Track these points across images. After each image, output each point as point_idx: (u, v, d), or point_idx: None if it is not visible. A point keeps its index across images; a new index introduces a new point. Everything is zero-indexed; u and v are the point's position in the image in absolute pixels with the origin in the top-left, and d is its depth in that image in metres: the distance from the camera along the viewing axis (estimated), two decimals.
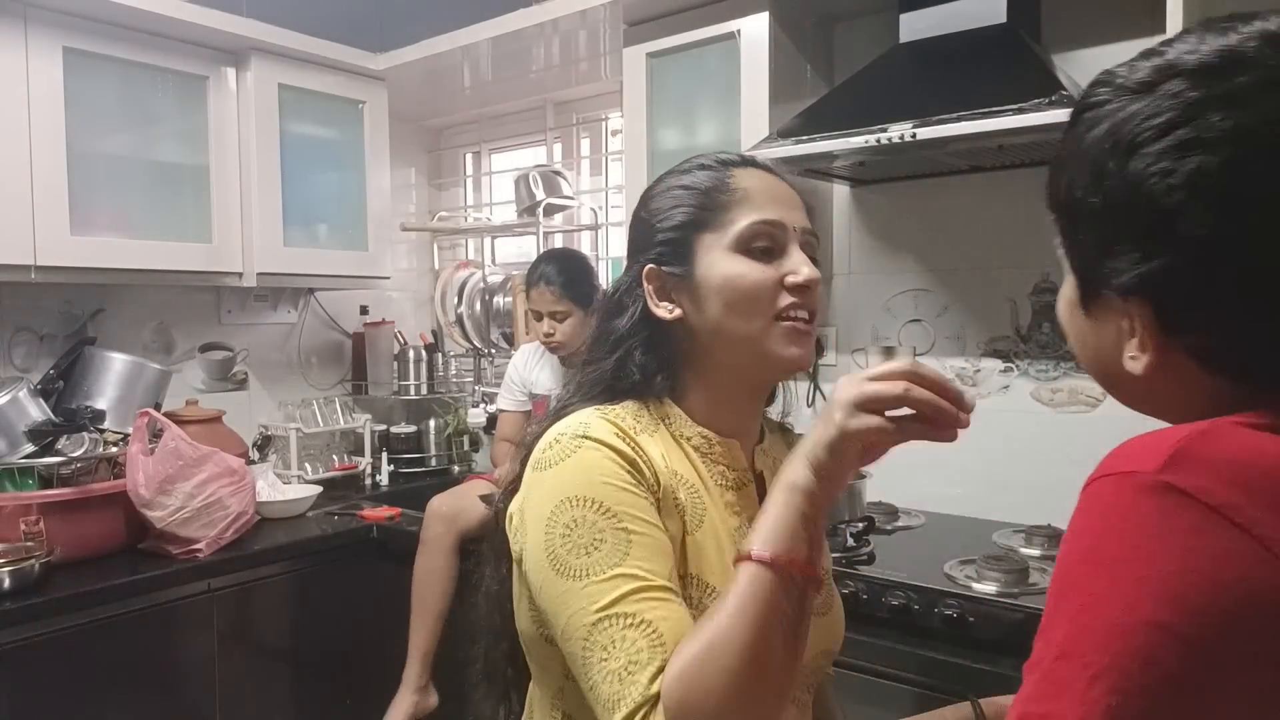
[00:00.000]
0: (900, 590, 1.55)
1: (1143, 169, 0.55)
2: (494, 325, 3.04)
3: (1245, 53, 0.54)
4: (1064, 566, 0.53)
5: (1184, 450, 0.51)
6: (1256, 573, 0.47)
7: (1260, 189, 0.53)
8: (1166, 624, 0.47)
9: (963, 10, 1.79)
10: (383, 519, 2.40)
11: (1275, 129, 0.53)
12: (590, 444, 0.81)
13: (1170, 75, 0.56)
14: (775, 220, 0.89)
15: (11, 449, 2.05)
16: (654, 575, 0.76)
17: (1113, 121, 0.57)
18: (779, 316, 0.87)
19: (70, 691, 1.84)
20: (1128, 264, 0.57)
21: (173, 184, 2.38)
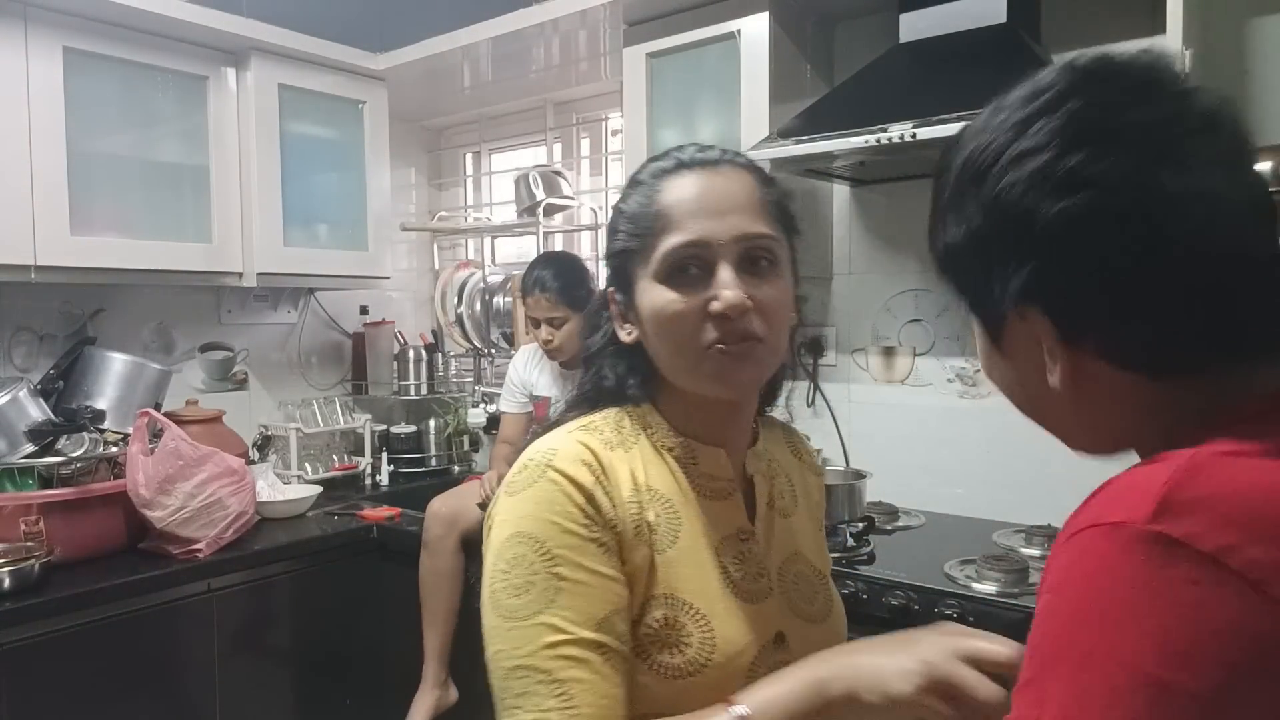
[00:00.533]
0: (900, 590, 1.55)
1: (994, 187, 0.60)
2: (494, 325, 3.05)
3: (1041, 82, 0.62)
4: (1053, 623, 0.52)
5: (1173, 494, 0.50)
6: (1251, 620, 0.47)
7: (1089, 174, 0.56)
8: (1169, 682, 0.46)
9: (963, 10, 1.80)
10: (383, 519, 2.40)
11: (1080, 121, 0.58)
12: (552, 474, 0.80)
13: (996, 112, 0.63)
14: (695, 240, 0.82)
15: (11, 449, 2.05)
16: (577, 626, 0.76)
17: (960, 164, 0.64)
18: (708, 347, 0.82)
19: (70, 691, 1.84)
20: (1010, 274, 0.59)
21: (173, 184, 2.38)
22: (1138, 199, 0.56)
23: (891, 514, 2.04)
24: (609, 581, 0.79)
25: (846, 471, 2.00)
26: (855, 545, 1.77)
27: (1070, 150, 0.57)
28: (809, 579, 0.94)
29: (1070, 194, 0.57)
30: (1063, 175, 0.57)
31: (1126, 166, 0.56)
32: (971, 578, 1.57)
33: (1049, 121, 0.59)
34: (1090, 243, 0.56)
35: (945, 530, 1.98)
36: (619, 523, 0.81)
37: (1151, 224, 0.55)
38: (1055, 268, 0.58)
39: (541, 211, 2.78)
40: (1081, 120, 0.58)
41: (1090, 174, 0.56)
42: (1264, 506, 0.49)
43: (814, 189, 2.20)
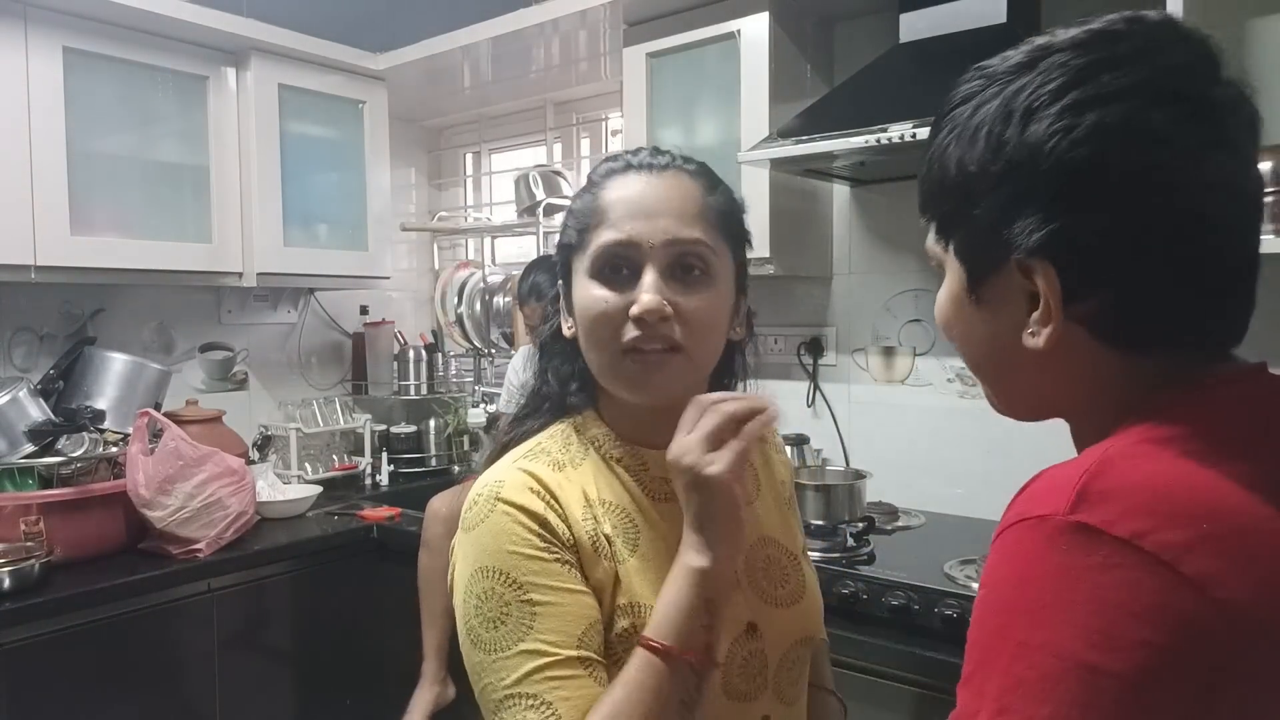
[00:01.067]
0: (900, 590, 1.55)
1: (1044, 130, 0.56)
2: (494, 325, 3.04)
3: (1115, 28, 0.58)
4: (987, 617, 0.54)
5: (1089, 485, 0.51)
6: (1168, 599, 0.48)
7: (1155, 139, 0.55)
8: (1096, 665, 0.48)
9: (963, 10, 1.80)
10: (383, 519, 2.40)
11: (1162, 83, 0.55)
12: (502, 507, 0.81)
13: (1049, 52, 0.58)
14: (626, 240, 0.82)
15: (11, 449, 2.05)
16: (559, 647, 0.77)
17: (1003, 96, 0.59)
18: (626, 349, 0.82)
19: (70, 691, 1.84)
20: (1034, 224, 0.57)
21: (173, 184, 2.38)
22: (1180, 172, 0.55)
23: (891, 514, 2.04)
24: (579, 596, 0.80)
25: (846, 471, 2.00)
26: (855, 545, 1.77)
27: (1141, 114, 0.55)
28: (779, 562, 0.94)
29: (1136, 151, 0.55)
30: (1129, 131, 0.55)
31: (1200, 137, 0.55)
32: (971, 578, 1.57)
33: (1115, 77, 0.55)
34: (1135, 210, 0.55)
35: (945, 530, 1.98)
36: (575, 541, 0.81)
37: (1191, 207, 0.56)
38: (1093, 230, 0.56)
39: (541, 211, 2.78)
40: (1149, 85, 0.56)
41: (1158, 134, 0.55)
42: (1175, 492, 0.51)
43: (814, 189, 2.20)
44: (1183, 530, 0.49)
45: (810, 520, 1.81)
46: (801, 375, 2.33)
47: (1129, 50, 0.57)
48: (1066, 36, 0.59)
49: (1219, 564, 0.48)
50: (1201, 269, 0.57)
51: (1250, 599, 0.48)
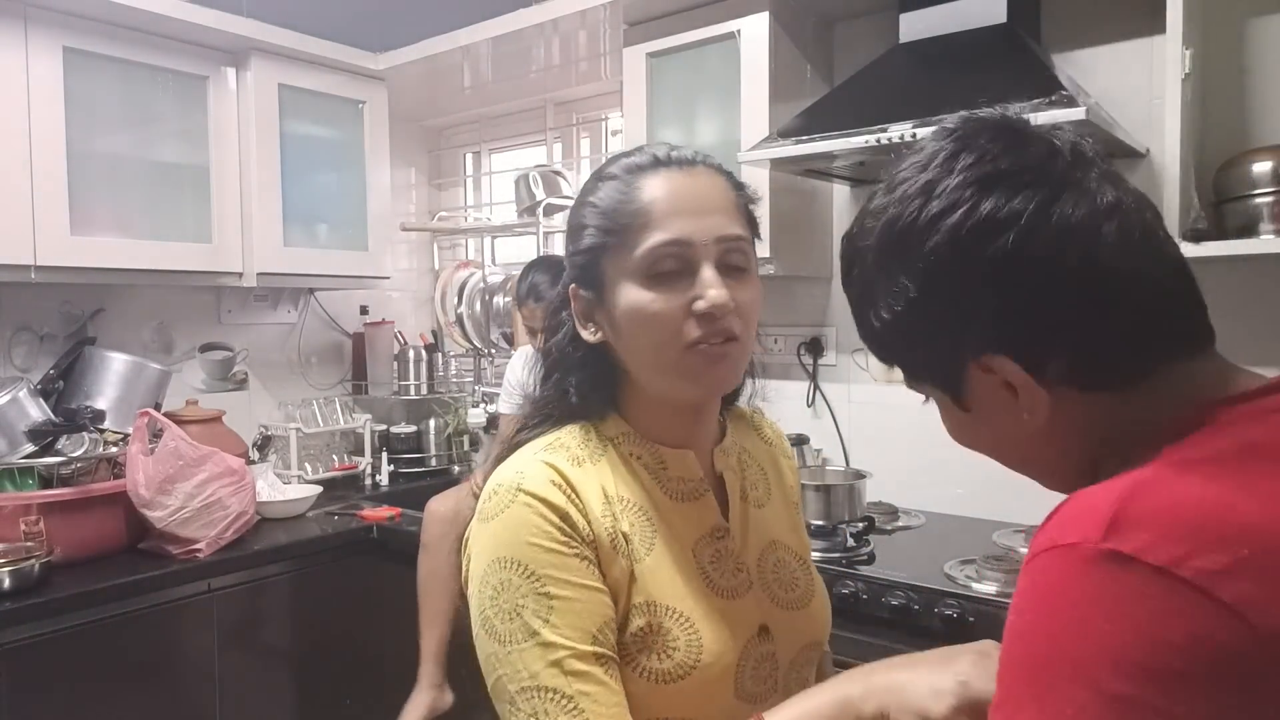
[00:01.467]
0: (900, 590, 1.55)
1: (920, 252, 0.61)
2: (494, 325, 3.04)
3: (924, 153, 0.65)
4: (1018, 646, 0.53)
5: (1122, 512, 0.51)
6: (1205, 628, 0.47)
7: (1005, 216, 0.59)
8: (1129, 696, 0.47)
9: (963, 10, 1.79)
10: (383, 519, 2.40)
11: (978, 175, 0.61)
12: (523, 498, 0.80)
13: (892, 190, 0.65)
14: (680, 239, 0.82)
15: (11, 449, 2.05)
16: (576, 641, 0.76)
17: (875, 246, 0.65)
18: (690, 345, 0.81)
19: (70, 691, 1.84)
20: (966, 330, 0.61)
21: (173, 184, 2.38)
22: (1058, 227, 0.59)
23: (891, 514, 2.04)
24: (596, 594, 0.79)
25: (846, 471, 2.00)
26: (855, 545, 1.77)
27: (980, 199, 0.60)
28: (789, 565, 0.95)
29: (996, 237, 0.59)
30: (982, 223, 0.59)
31: (1036, 200, 0.59)
32: (971, 578, 1.57)
33: (950, 180, 0.61)
34: (1030, 274, 0.59)
35: (945, 530, 1.98)
36: (595, 537, 0.81)
37: (1077, 246, 0.59)
38: (1004, 310, 0.60)
39: (541, 211, 2.78)
40: (980, 174, 0.61)
41: (1006, 215, 0.59)
42: (1209, 516, 0.50)
43: (814, 189, 2.20)
44: (1220, 555, 0.48)
45: (810, 520, 1.81)
46: (801, 375, 2.33)
47: (942, 163, 0.63)
48: (897, 175, 0.65)
49: (1258, 590, 0.47)
50: (1133, 293, 0.59)
51: None
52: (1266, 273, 1.64)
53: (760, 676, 0.86)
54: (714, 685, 0.82)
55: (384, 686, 2.35)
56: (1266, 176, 1.52)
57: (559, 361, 0.91)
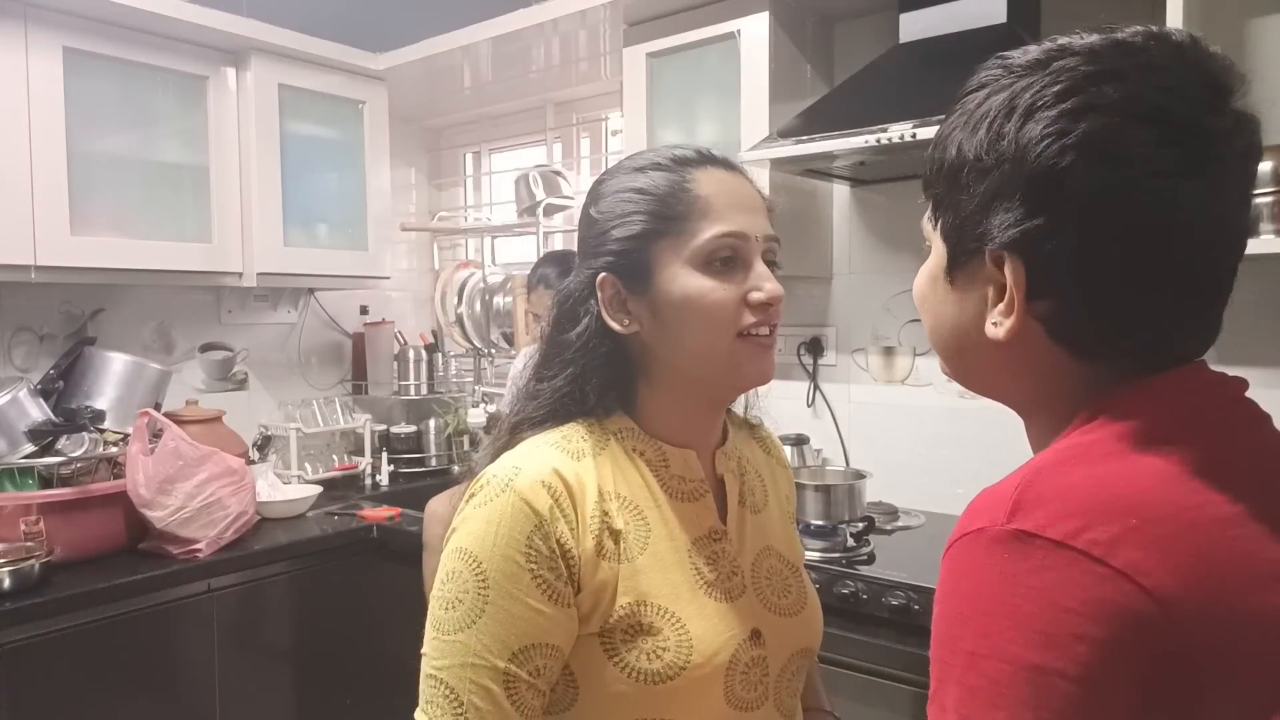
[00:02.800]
0: (900, 590, 1.55)
1: (1039, 130, 0.58)
2: (494, 325, 3.04)
3: (1130, 40, 0.60)
4: (939, 631, 0.55)
5: (1024, 494, 0.53)
6: (1103, 593, 0.49)
7: (1128, 157, 0.56)
8: (1041, 664, 0.49)
9: (962, 10, 1.80)
10: (383, 519, 2.40)
11: (1153, 102, 0.57)
12: (510, 495, 0.80)
13: (1063, 54, 0.61)
14: (739, 231, 0.84)
15: (11, 449, 2.05)
16: (491, 653, 0.77)
17: (1011, 91, 0.61)
18: (741, 334, 0.84)
19: (70, 691, 1.84)
20: (1012, 219, 0.59)
21: (173, 184, 2.38)
22: (1175, 196, 0.56)
23: (891, 514, 2.04)
24: (535, 615, 0.78)
25: (846, 471, 2.00)
26: (855, 545, 1.77)
27: (1129, 129, 0.56)
28: (782, 573, 0.95)
29: (1114, 170, 0.56)
30: (1114, 150, 0.56)
31: (1178, 164, 0.56)
32: None
33: (1117, 88, 0.57)
34: (1105, 222, 0.57)
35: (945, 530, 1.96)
36: (574, 548, 0.80)
37: (1156, 228, 0.57)
38: (1064, 232, 0.58)
39: (541, 211, 2.78)
40: (1151, 106, 0.57)
41: (1137, 159, 0.56)
42: (1105, 491, 0.53)
43: (814, 189, 2.20)
44: (1112, 525, 0.50)
45: (810, 520, 1.81)
46: (801, 375, 2.33)
47: (1134, 65, 0.58)
48: (1084, 42, 0.61)
49: (1148, 554, 0.50)
50: (1164, 288, 0.58)
51: (1181, 584, 0.49)
52: (1266, 273, 1.64)
53: (751, 682, 0.86)
54: (704, 687, 0.82)
55: (384, 686, 2.35)
56: (1266, 176, 1.52)
57: (578, 355, 0.87)
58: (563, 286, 0.91)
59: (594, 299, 0.87)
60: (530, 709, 0.79)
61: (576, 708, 0.82)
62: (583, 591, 0.81)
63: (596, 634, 0.81)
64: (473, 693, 0.77)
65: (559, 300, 0.91)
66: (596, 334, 0.87)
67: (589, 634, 0.81)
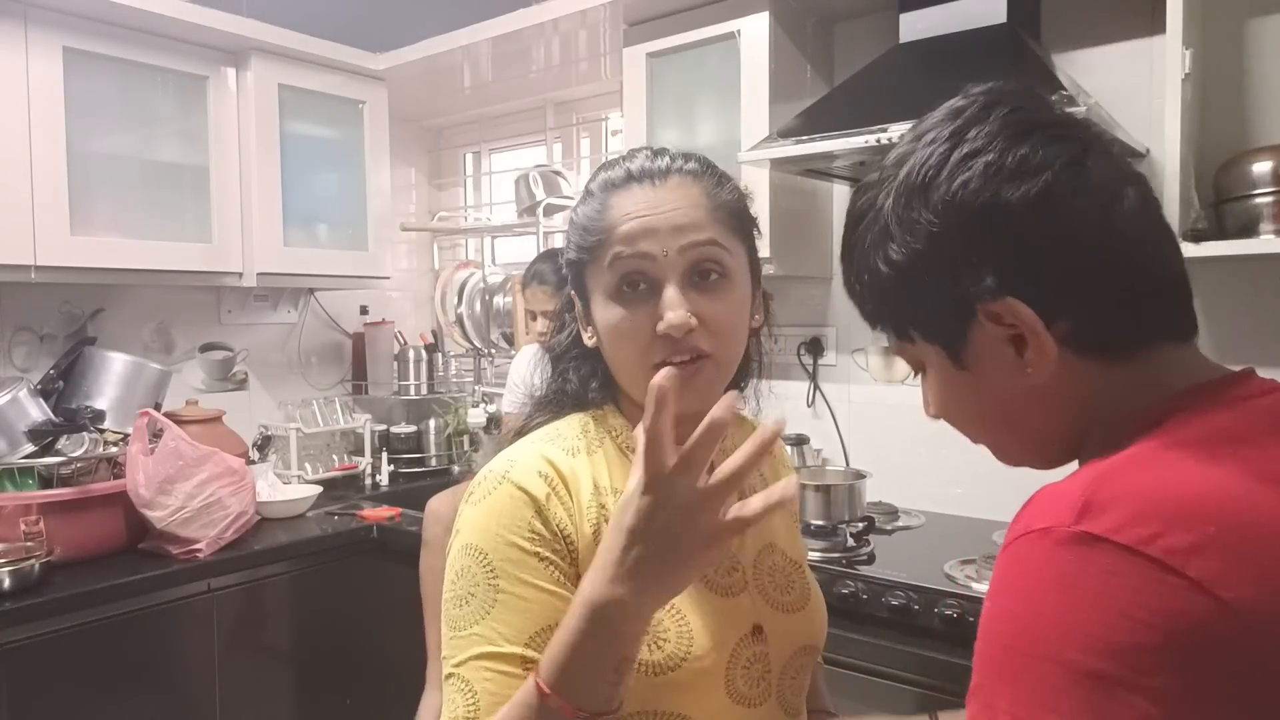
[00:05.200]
0: (900, 590, 1.55)
1: (947, 190, 0.62)
2: (494, 325, 3.04)
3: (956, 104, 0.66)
4: (994, 629, 0.54)
5: (1094, 495, 0.52)
6: (1174, 604, 0.48)
7: (1039, 161, 0.60)
8: (1102, 672, 0.48)
9: (962, 10, 1.80)
10: (383, 519, 2.40)
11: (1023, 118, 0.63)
12: (506, 487, 0.81)
13: (912, 144, 0.66)
14: (640, 255, 0.81)
15: (11, 449, 2.05)
16: (506, 640, 0.77)
17: (894, 188, 0.64)
18: (658, 366, 0.80)
19: (70, 691, 1.84)
20: (981, 272, 0.60)
21: (173, 184, 2.38)
22: (1086, 180, 0.60)
23: (891, 514, 2.04)
24: (548, 597, 0.79)
25: (846, 471, 2.00)
26: (855, 545, 1.77)
27: (1015, 144, 0.61)
28: (784, 569, 0.95)
29: (1028, 179, 0.60)
30: (1015, 164, 0.60)
31: (1069, 153, 0.61)
32: (971, 578, 1.57)
33: (984, 127, 0.62)
34: (1054, 221, 0.60)
35: (945, 530, 1.98)
36: (575, 532, 0.81)
37: (1100, 203, 0.60)
38: (1027, 251, 0.60)
39: (541, 211, 2.78)
40: (1015, 122, 0.62)
41: (1040, 160, 0.60)
42: (1176, 498, 0.51)
43: (814, 189, 2.20)
44: (1186, 534, 0.49)
45: (810, 520, 1.81)
46: (801, 375, 2.33)
47: (975, 112, 0.64)
48: (921, 126, 0.66)
49: (1226, 564, 0.48)
50: (1144, 262, 0.61)
51: (1257, 597, 0.48)
52: (1266, 273, 1.64)
53: (752, 677, 0.86)
54: (704, 680, 0.82)
55: (384, 686, 2.35)
56: (1266, 176, 1.52)
57: (563, 356, 0.93)
58: (554, 282, 0.96)
59: (570, 311, 0.93)
60: None
61: None
62: (584, 577, 0.80)
63: None
64: (487, 679, 0.77)
65: (556, 310, 0.96)
66: (574, 341, 0.92)
67: None
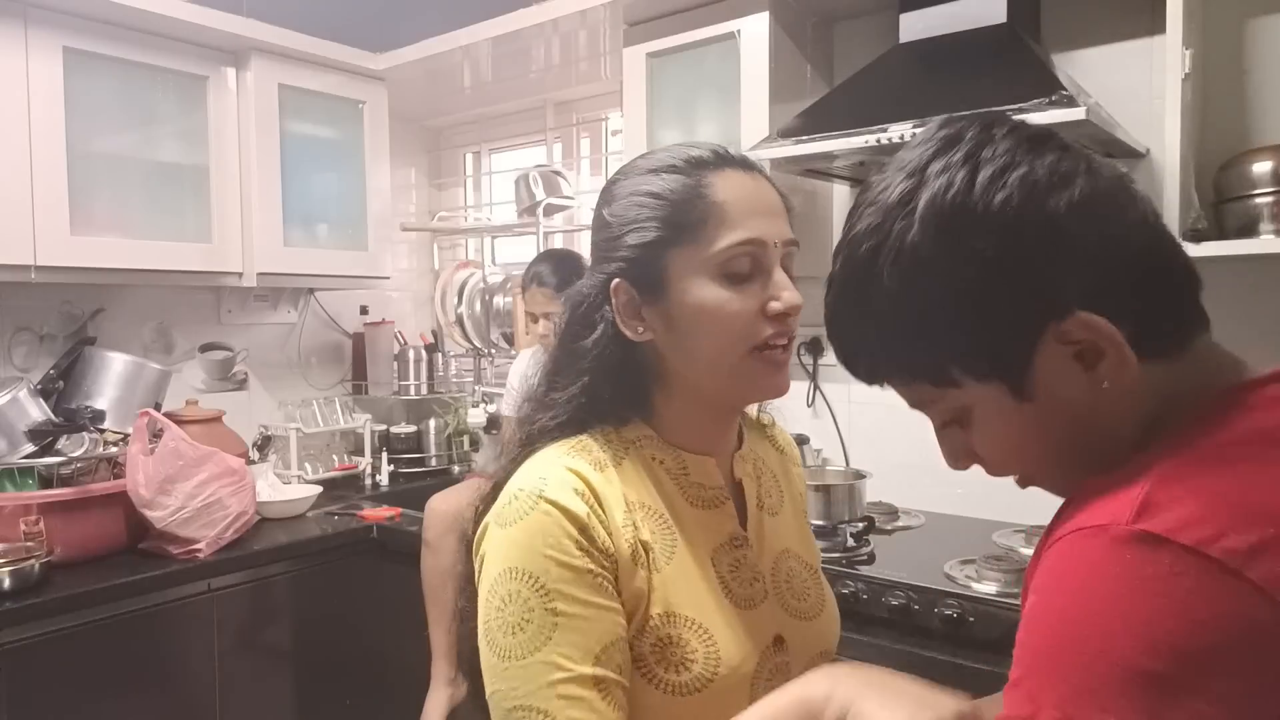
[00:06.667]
0: (900, 590, 1.55)
1: (988, 213, 0.58)
2: (494, 325, 3.04)
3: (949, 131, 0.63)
4: (1043, 622, 0.53)
5: (1153, 493, 0.51)
6: (1235, 607, 0.47)
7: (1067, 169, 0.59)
8: (1161, 673, 0.47)
9: (962, 10, 1.79)
10: (383, 519, 2.40)
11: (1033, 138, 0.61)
12: (544, 506, 0.77)
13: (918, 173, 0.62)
14: (757, 239, 0.81)
15: (11, 449, 2.05)
16: (576, 663, 0.74)
17: (918, 222, 0.59)
18: (759, 346, 0.81)
19: (70, 691, 1.84)
20: (1052, 287, 0.57)
21: (173, 184, 2.38)
22: (1104, 180, 0.59)
23: (891, 514, 2.04)
24: (605, 612, 0.77)
25: (846, 471, 2.00)
26: (855, 545, 1.77)
27: (1038, 155, 0.59)
28: (800, 574, 0.94)
29: (1066, 187, 0.58)
30: (1048, 174, 0.58)
31: (1082, 156, 0.60)
32: (971, 578, 1.57)
33: (996, 146, 0.59)
34: (1102, 225, 0.58)
35: (945, 530, 1.98)
36: (615, 550, 0.79)
37: (1125, 201, 0.60)
38: (1084, 260, 0.57)
39: (541, 211, 2.78)
40: (1027, 136, 0.60)
41: (1068, 167, 0.59)
42: (1237, 498, 0.50)
43: (814, 189, 2.19)
44: (1248, 535, 0.48)
45: (810, 520, 1.80)
46: (801, 375, 2.33)
47: (978, 134, 0.61)
48: (911, 162, 0.62)
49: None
50: (1176, 257, 0.61)
51: None
52: (1266, 273, 1.63)
53: (775, 688, 0.85)
54: (730, 697, 0.80)
55: (385, 686, 2.35)
56: (1266, 176, 1.52)
57: (594, 363, 0.85)
58: (574, 289, 0.88)
59: (608, 305, 0.85)
60: (624, 707, 0.77)
61: None
62: (622, 595, 0.79)
63: (627, 643, 0.79)
64: (569, 708, 0.73)
65: (571, 304, 0.88)
66: (612, 341, 0.85)
67: None
